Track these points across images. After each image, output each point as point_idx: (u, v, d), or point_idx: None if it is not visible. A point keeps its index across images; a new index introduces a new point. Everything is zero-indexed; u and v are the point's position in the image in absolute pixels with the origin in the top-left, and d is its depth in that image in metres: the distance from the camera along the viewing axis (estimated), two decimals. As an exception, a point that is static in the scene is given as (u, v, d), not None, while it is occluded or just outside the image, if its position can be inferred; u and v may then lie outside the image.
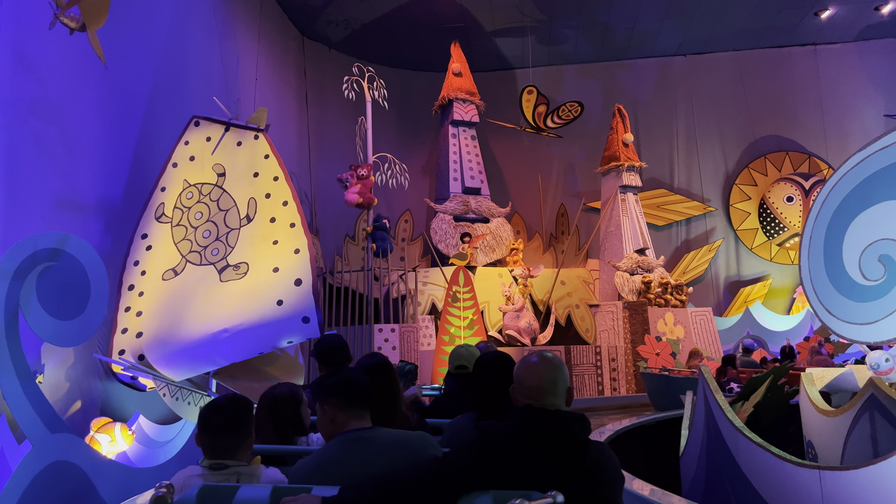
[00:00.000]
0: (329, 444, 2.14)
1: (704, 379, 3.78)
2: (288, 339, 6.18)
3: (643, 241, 12.93)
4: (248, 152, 6.75)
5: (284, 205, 6.46)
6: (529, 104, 13.32)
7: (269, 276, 6.16)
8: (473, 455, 1.86)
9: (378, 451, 2.07)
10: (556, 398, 1.98)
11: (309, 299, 6.03)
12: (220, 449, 2.32)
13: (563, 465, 1.86)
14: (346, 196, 10.38)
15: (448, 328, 9.39)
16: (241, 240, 6.39)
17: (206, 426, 2.33)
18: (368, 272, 10.33)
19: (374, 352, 3.61)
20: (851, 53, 15.85)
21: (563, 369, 2.03)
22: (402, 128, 15.46)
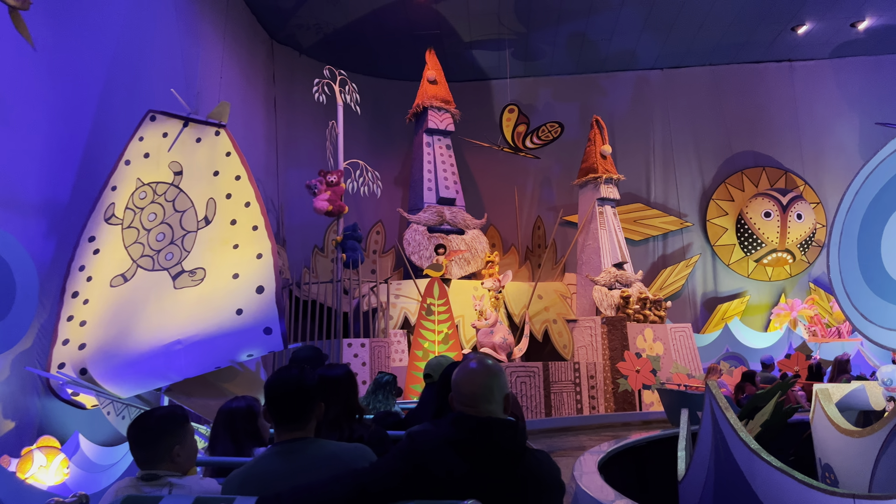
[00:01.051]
0: (260, 456, 2.13)
1: (712, 395, 3.41)
2: (248, 352, 5.69)
3: (621, 255, 12.66)
4: (207, 149, 6.28)
5: (247, 206, 6.00)
6: (510, 123, 13.04)
7: (229, 282, 5.67)
8: (398, 464, 1.82)
9: (308, 462, 2.04)
10: (491, 405, 1.92)
11: (272, 308, 5.55)
12: (144, 460, 2.34)
13: (492, 474, 1.81)
14: (314, 203, 9.93)
15: (421, 343, 8.95)
16: (199, 243, 5.90)
17: (129, 437, 2.38)
18: (338, 284, 9.85)
19: (334, 363, 3.26)
20: (826, 70, 15.93)
21: (499, 376, 1.97)
22: (374, 137, 15.07)
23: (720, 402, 3.37)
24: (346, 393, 2.81)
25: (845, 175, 15.47)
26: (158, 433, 2.37)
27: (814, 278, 15.37)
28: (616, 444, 5.09)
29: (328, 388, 2.64)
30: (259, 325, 5.54)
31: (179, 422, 2.43)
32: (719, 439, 3.40)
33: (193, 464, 2.50)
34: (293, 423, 2.12)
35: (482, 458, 1.83)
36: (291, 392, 2.15)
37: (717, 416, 3.43)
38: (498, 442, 1.85)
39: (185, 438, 2.41)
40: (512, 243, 14.23)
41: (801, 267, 15.33)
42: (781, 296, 15.20)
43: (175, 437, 2.38)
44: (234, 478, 2.08)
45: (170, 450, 2.35)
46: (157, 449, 2.35)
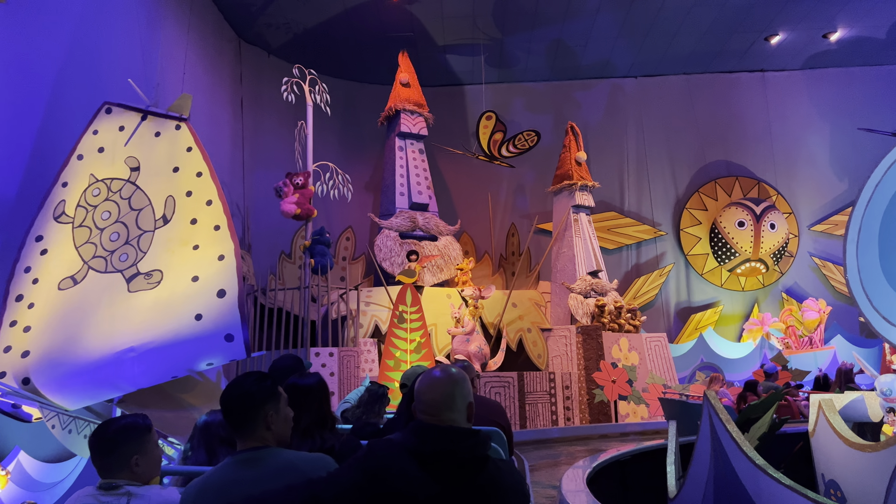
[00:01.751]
0: (219, 465, 2.13)
1: (711, 406, 3.17)
2: (208, 361, 5.32)
3: (597, 263, 12.51)
4: (167, 144, 5.92)
5: (208, 204, 5.64)
6: (487, 130, 12.83)
7: (188, 285, 5.31)
8: (353, 473, 1.82)
9: (266, 472, 2.04)
10: (453, 413, 1.91)
11: (234, 314, 5.20)
12: (103, 469, 2.33)
13: (452, 484, 1.80)
14: (281, 206, 9.57)
15: (393, 352, 8.63)
16: (156, 244, 5.53)
17: (89, 445, 2.37)
18: (305, 290, 9.49)
19: (306, 371, 3.27)
20: (798, 81, 16.08)
21: (462, 384, 1.95)
22: (344, 141, 14.76)
23: (721, 415, 3.14)
24: (318, 402, 2.79)
25: (817, 186, 15.64)
26: (117, 442, 2.34)
27: (786, 288, 15.42)
28: (602, 458, 4.83)
29: (300, 397, 2.69)
30: (220, 331, 5.19)
31: (140, 431, 2.40)
32: (719, 454, 3.16)
33: (156, 473, 2.46)
34: (244, 432, 2.13)
35: (441, 467, 1.81)
36: (238, 400, 2.15)
37: (716, 430, 3.20)
38: (457, 451, 1.83)
39: (146, 448, 2.38)
40: (485, 250, 14.01)
41: (773, 277, 15.37)
42: (754, 307, 15.21)
43: (135, 446, 2.35)
44: (192, 487, 2.08)
45: (129, 459, 2.33)
46: (116, 458, 2.33)
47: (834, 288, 15.24)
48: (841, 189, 15.79)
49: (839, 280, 15.29)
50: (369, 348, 10.04)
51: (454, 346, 10.29)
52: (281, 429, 2.21)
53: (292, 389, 2.70)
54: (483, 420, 3.63)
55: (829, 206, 15.76)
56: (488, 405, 4.07)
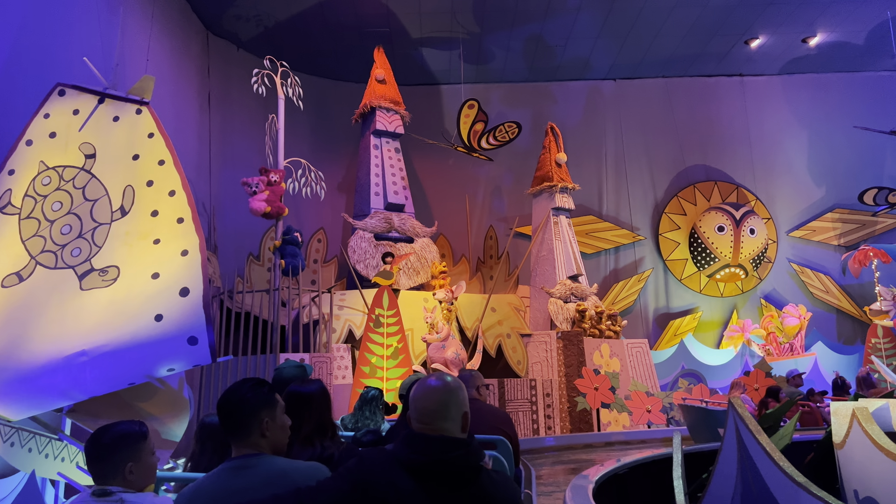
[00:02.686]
0: (212, 472, 2.15)
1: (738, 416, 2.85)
2: (169, 366, 4.88)
3: (577, 266, 12.26)
4: (126, 129, 5.47)
5: (171, 195, 5.21)
6: (468, 119, 12.48)
7: (147, 283, 4.86)
8: (341, 483, 1.82)
9: (257, 480, 2.04)
10: (447, 423, 1.89)
11: (198, 314, 4.77)
12: (97, 475, 2.35)
13: (442, 495, 1.79)
14: (251, 203, 9.11)
15: (369, 357, 8.22)
16: (112, 237, 5.07)
17: (84, 451, 2.41)
18: (275, 293, 9.03)
19: (308, 378, 3.13)
20: (776, 86, 16.09)
21: (457, 393, 1.94)
22: (316, 139, 14.32)
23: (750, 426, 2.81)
24: (319, 409, 2.79)
25: (795, 191, 15.64)
26: (111, 449, 2.35)
27: (764, 294, 15.36)
28: (604, 469, 4.60)
29: (300, 405, 2.72)
30: (182, 333, 4.75)
31: (136, 438, 2.41)
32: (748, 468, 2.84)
33: (151, 481, 2.49)
34: (238, 439, 2.13)
35: (433, 478, 1.79)
36: (233, 406, 2.14)
37: (745, 441, 2.88)
38: (449, 462, 1.81)
39: (140, 455, 2.39)
40: (462, 254, 13.66)
41: (752, 283, 15.30)
42: (733, 313, 15.11)
43: (129, 453, 2.36)
44: (185, 493, 2.09)
45: (123, 466, 2.34)
46: (110, 464, 2.34)
47: (812, 294, 15.22)
48: (818, 195, 15.81)
49: (817, 286, 15.28)
50: (342, 354, 9.61)
51: (430, 354, 9.91)
52: (277, 436, 2.19)
53: (293, 396, 2.76)
54: (490, 429, 3.69)
55: (807, 212, 15.77)
56: (496, 414, 4.04)
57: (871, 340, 12.89)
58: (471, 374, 4.20)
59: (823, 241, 15.59)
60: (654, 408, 10.58)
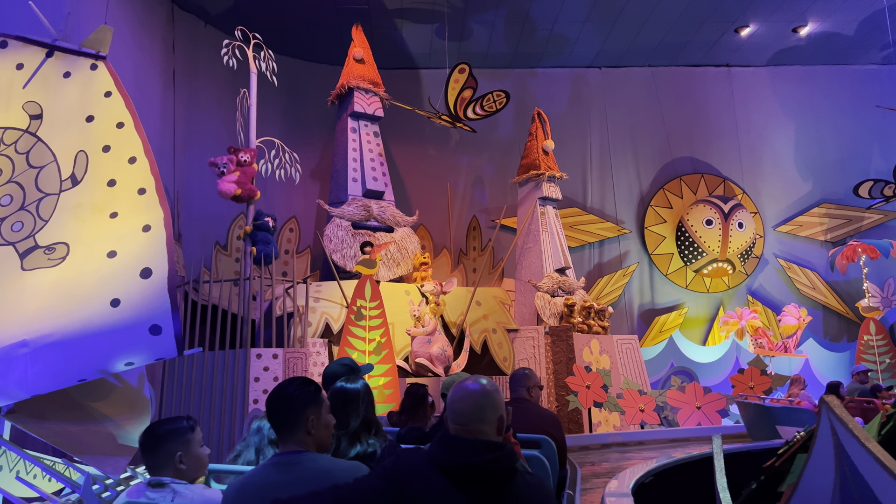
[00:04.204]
0: (259, 466, 2.28)
1: (836, 416, 2.34)
2: (127, 360, 4.22)
3: (564, 259, 11.79)
4: (79, 87, 4.79)
5: (131, 162, 4.55)
6: (457, 84, 11.84)
7: (102, 262, 4.20)
8: (377, 481, 1.87)
9: (300, 476, 2.13)
10: (483, 425, 1.92)
11: (162, 299, 4.12)
12: (150, 466, 2.55)
13: (475, 496, 1.81)
14: (219, 185, 8.44)
15: (350, 352, 7.63)
16: (61, 210, 4.40)
17: (139, 443, 2.60)
18: (246, 283, 8.36)
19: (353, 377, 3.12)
20: (763, 78, 15.85)
21: (493, 396, 1.97)
22: (289, 123, 13.63)
23: (856, 432, 2.30)
24: (365, 407, 2.87)
25: (782, 185, 15.40)
26: (162, 440, 2.53)
27: (751, 290, 15.10)
28: (643, 470, 4.37)
29: (347, 402, 2.83)
30: (143, 321, 4.11)
31: (183, 431, 2.58)
32: (851, 476, 2.33)
33: (202, 472, 2.63)
34: (286, 435, 2.25)
35: (466, 479, 1.82)
36: (281, 403, 2.25)
37: (844, 446, 2.37)
38: (482, 464, 1.83)
39: (190, 447, 2.56)
40: (443, 245, 13.08)
41: (739, 279, 15.03)
42: (720, 309, 14.82)
43: (178, 445, 2.52)
44: (233, 486, 2.22)
45: (173, 457, 2.50)
46: (162, 456, 2.51)
47: (799, 291, 15.00)
48: (805, 189, 15.61)
49: (804, 283, 15.07)
50: (319, 349, 8.98)
51: (414, 349, 9.34)
52: (321, 434, 2.29)
53: (339, 393, 2.86)
54: (536, 429, 3.82)
55: (794, 207, 15.56)
56: (542, 415, 4.18)
57: (863, 337, 12.68)
58: (524, 374, 4.33)
59: (810, 236, 15.39)
60: (647, 407, 10.17)
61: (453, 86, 11.65)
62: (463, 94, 11.75)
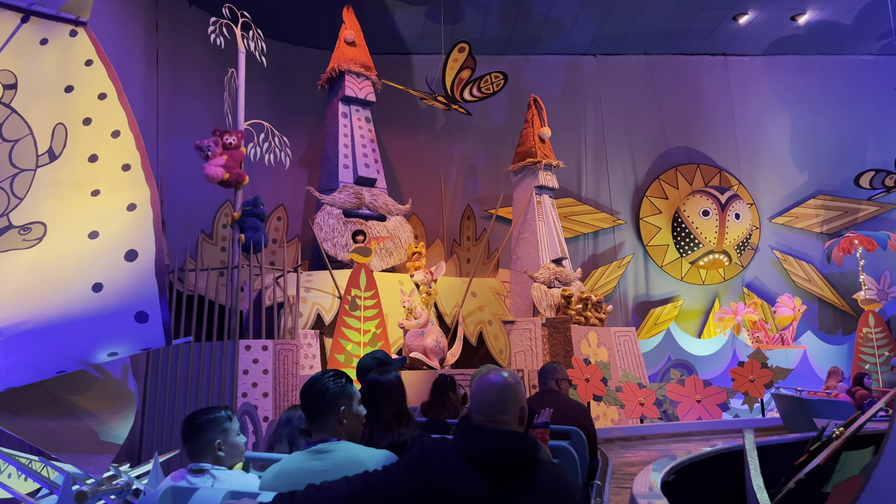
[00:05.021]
0: (293, 454, 2.43)
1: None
2: (110, 350, 3.88)
3: (561, 249, 11.54)
4: (57, 55, 4.43)
5: (115, 136, 4.19)
6: (456, 64, 11.51)
7: (82, 244, 3.85)
8: (405, 469, 1.97)
9: (332, 463, 2.23)
10: (505, 416, 2.01)
11: (148, 284, 3.77)
12: (191, 453, 2.77)
13: (498, 484, 1.88)
14: (206, 169, 8.10)
15: (344, 344, 7.32)
16: (38, 187, 4.05)
17: (180, 431, 2.86)
18: (234, 271, 8.03)
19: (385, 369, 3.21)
20: (759, 67, 15.70)
21: (515, 388, 2.06)
22: (276, 109, 13.24)
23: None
24: (397, 398, 2.98)
25: (778, 176, 15.26)
26: (202, 429, 2.77)
27: (747, 283, 14.95)
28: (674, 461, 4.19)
29: (380, 394, 2.95)
30: (128, 307, 3.77)
31: (222, 420, 2.80)
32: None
33: (239, 459, 2.84)
34: (318, 425, 2.38)
35: (489, 467, 1.91)
36: (315, 394, 2.39)
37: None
38: (504, 453, 1.91)
39: (228, 436, 2.79)
40: (436, 235, 12.78)
41: (734, 271, 14.88)
42: (715, 301, 14.66)
43: (217, 434, 2.76)
44: (271, 471, 2.37)
45: (212, 445, 2.73)
46: (201, 443, 2.75)
47: (794, 283, 14.88)
48: (801, 181, 15.49)
49: (800, 275, 14.96)
50: (310, 341, 8.68)
51: (407, 342, 9.06)
52: (353, 424, 2.40)
53: (372, 385, 2.99)
54: (567, 420, 3.93)
55: (790, 198, 15.43)
56: (573, 406, 4.35)
57: (861, 330, 12.56)
58: (553, 367, 4.49)
59: (806, 227, 15.27)
60: (647, 400, 9.97)
61: (452, 65, 11.33)
62: (461, 74, 11.43)
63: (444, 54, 12.48)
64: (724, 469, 4.40)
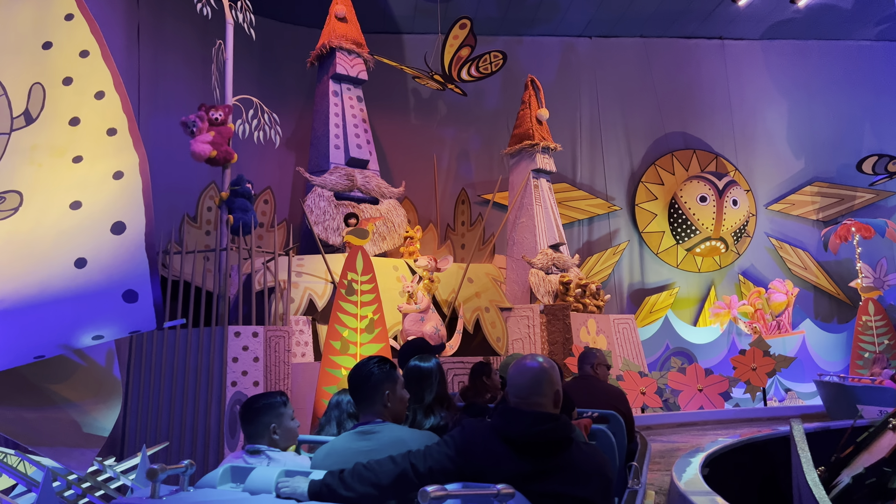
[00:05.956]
0: (342, 435, 2.61)
1: None
2: (95, 333, 3.52)
3: (558, 235, 11.26)
4: (33, 9, 4.04)
5: (98, 98, 3.83)
6: (456, 41, 11.13)
7: (63, 215, 3.49)
8: (446, 448, 2.10)
9: (378, 443, 2.37)
10: (540, 398, 2.11)
11: (138, 259, 3.43)
12: (248, 435, 2.97)
13: (534, 463, 2.00)
14: (192, 146, 7.68)
15: (340, 331, 6.97)
16: (13, 153, 3.68)
17: (239, 415, 3.05)
18: (222, 253, 7.65)
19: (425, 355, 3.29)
20: (756, 52, 15.50)
21: (550, 372, 2.16)
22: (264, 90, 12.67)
23: None
24: (438, 383, 3.16)
25: (774, 163, 15.09)
26: (259, 412, 2.96)
27: (742, 270, 14.80)
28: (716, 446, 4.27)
29: (421, 379, 3.14)
30: (115, 285, 3.44)
31: (277, 405, 3.00)
32: None
33: (293, 442, 3.06)
34: (365, 407, 2.56)
35: (525, 447, 2.02)
36: (361, 379, 2.57)
37: None
38: (539, 433, 2.02)
39: (282, 420, 2.99)
40: (429, 219, 12.44)
41: (730, 258, 14.72)
42: (711, 289, 14.49)
43: (272, 418, 2.95)
44: (321, 451, 2.53)
45: (268, 428, 2.93)
46: (258, 426, 2.93)
47: (790, 271, 14.75)
48: (797, 167, 15.34)
49: (796, 262, 14.83)
50: (302, 328, 8.34)
51: (406, 327, 8.75)
52: (397, 407, 2.59)
53: (414, 371, 3.14)
54: (603, 405, 4.09)
55: (786, 185, 15.28)
56: (610, 392, 4.51)
57: (861, 318, 12.43)
58: (591, 353, 4.74)
59: (802, 215, 15.14)
60: (648, 389, 9.76)
61: (452, 41, 10.95)
62: (460, 52, 11.07)
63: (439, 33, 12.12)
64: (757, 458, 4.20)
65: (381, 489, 2.02)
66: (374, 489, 2.02)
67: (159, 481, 2.20)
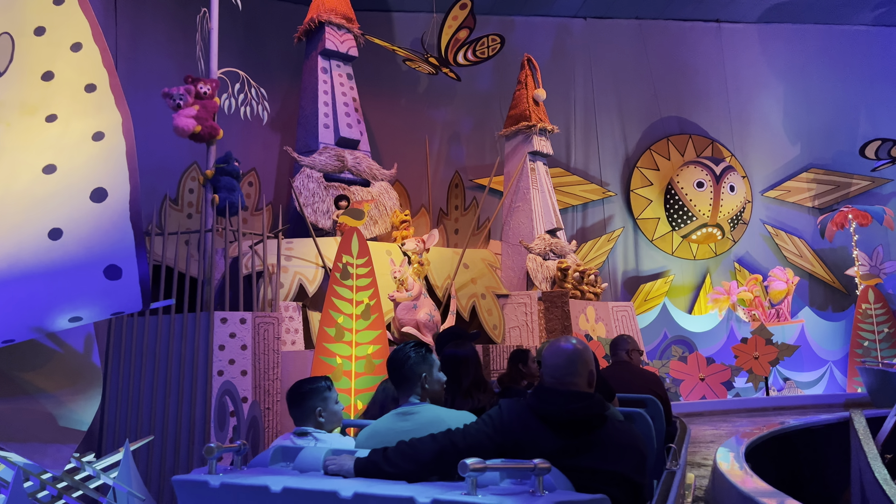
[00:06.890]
0: (384, 416, 2.74)
1: None
2: (72, 314, 3.13)
3: (556, 219, 10.96)
4: (0, -51, 3.59)
5: (75, 49, 3.43)
6: (455, 23, 10.72)
7: (35, 180, 3.09)
8: (484, 426, 2.22)
9: (418, 423, 2.51)
10: (575, 378, 2.25)
11: (122, 230, 3.04)
12: (296, 418, 3.14)
13: (570, 439, 2.11)
14: (175, 121, 7.25)
15: (335, 317, 6.59)
16: (-24, 110, 3.24)
17: (286, 398, 3.21)
18: (207, 235, 7.23)
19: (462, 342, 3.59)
20: (753, 35, 15.29)
21: (583, 354, 2.30)
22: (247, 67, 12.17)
23: None
24: (475, 368, 3.40)
25: (770, 149, 14.90)
26: (305, 397, 3.11)
27: (738, 258, 14.61)
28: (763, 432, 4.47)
29: (458, 364, 3.36)
30: (95, 259, 3.05)
31: (321, 389, 3.16)
32: None
33: (337, 424, 3.20)
34: (404, 390, 2.73)
35: (560, 425, 2.13)
36: (399, 363, 2.75)
37: None
38: (573, 411, 2.14)
39: (328, 404, 3.14)
40: (421, 203, 12.06)
41: (725, 245, 14.53)
42: (706, 277, 14.28)
43: (318, 402, 3.11)
44: (364, 431, 2.68)
45: (314, 412, 3.08)
46: (305, 409, 3.09)
47: (786, 258, 14.59)
48: (793, 154, 15.17)
49: (792, 250, 14.67)
50: (292, 314, 7.96)
51: (399, 315, 8.39)
52: (434, 389, 2.74)
53: (451, 357, 3.37)
54: (641, 389, 4.24)
55: (782, 172, 15.12)
56: (645, 376, 4.67)
57: (861, 306, 12.29)
58: (624, 339, 4.93)
59: (798, 202, 14.99)
60: (649, 379, 9.49)
61: (451, 23, 10.54)
62: (459, 33, 10.67)
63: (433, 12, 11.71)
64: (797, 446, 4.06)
65: (423, 465, 2.11)
66: (416, 465, 2.11)
67: (214, 459, 2.27)
